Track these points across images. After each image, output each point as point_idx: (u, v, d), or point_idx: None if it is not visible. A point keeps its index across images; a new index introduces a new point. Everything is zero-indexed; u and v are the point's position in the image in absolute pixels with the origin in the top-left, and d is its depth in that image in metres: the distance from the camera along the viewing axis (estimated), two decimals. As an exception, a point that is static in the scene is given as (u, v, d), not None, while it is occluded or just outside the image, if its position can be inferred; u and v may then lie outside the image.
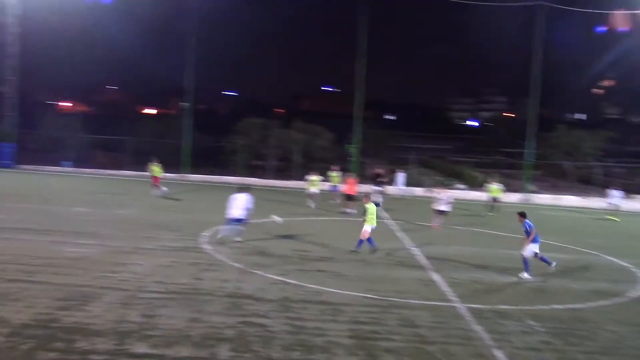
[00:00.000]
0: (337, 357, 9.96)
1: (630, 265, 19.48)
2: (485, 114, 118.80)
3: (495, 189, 30.39)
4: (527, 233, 16.57)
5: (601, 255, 21.17)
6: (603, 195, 33.29)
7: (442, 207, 24.87)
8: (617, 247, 23.28)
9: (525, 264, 16.62)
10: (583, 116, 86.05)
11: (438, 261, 17.93)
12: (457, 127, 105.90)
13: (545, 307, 13.68)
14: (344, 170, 34.33)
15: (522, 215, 16.89)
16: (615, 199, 32.97)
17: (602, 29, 58.92)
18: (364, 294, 13.82)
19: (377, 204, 20.59)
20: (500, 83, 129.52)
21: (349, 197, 27.90)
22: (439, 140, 68.08)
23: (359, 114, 39.47)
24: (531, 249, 16.61)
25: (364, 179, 37.04)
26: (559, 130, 46.11)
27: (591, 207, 38.64)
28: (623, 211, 34.47)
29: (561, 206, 38.13)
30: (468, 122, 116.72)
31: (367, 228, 18.22)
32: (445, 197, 25.05)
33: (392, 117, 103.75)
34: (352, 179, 28.76)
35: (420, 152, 51.82)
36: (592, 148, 45.33)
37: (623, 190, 34.18)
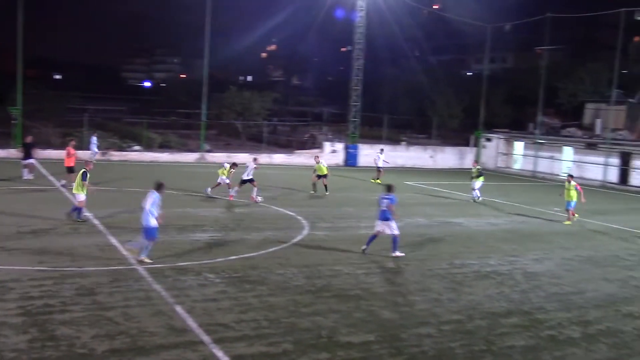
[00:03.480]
0: (6, 339, 9.14)
1: (295, 214, 21.67)
2: (161, 75, 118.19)
3: (322, 167, 28.33)
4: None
5: (271, 206, 23.08)
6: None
7: (246, 176, 24.03)
8: (284, 198, 25.60)
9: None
10: (251, 78, 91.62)
11: (117, 226, 17.51)
12: (132, 87, 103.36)
13: (221, 259, 14.45)
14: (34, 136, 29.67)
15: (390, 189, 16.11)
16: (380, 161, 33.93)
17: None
18: (36, 267, 12.86)
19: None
20: (175, 44, 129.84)
21: (71, 169, 24.37)
22: (114, 101, 65.70)
23: (20, 72, 35.67)
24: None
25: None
26: (230, 91, 48.23)
27: (261, 163, 41.58)
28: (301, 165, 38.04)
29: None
30: (143, 83, 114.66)
31: (82, 196, 17.70)
32: (251, 166, 24.19)
33: (61, 77, 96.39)
34: (71, 148, 25.11)
35: (94, 113, 49.36)
36: (260, 108, 48.55)
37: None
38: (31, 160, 26.56)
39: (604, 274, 15.65)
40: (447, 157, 48.73)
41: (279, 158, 42.58)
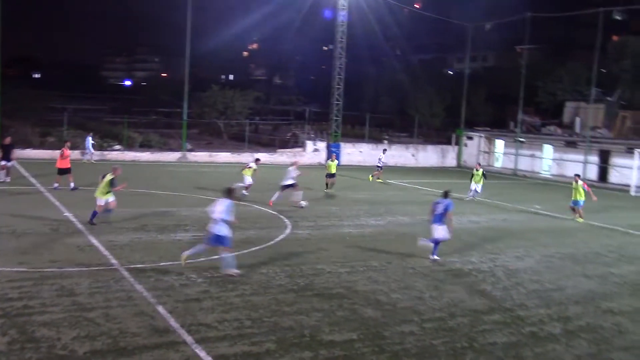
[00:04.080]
0: (-16, 341, 9.01)
1: (277, 213, 21.63)
2: (142, 74, 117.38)
3: (332, 165, 28.52)
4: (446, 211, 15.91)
5: (253, 205, 23.02)
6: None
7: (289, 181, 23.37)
8: (266, 197, 25.54)
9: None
10: (233, 77, 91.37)
11: (96, 225, 17.35)
12: (112, 86, 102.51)
13: (203, 259, 14.36)
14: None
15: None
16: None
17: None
18: (15, 268, 12.70)
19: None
20: (156, 42, 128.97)
21: (63, 171, 23.97)
22: (94, 100, 65.06)
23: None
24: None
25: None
26: (212, 90, 48.03)
27: (243, 162, 41.48)
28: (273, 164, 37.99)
29: (216, 163, 40.15)
30: (124, 82, 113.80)
31: (102, 201, 17.52)
32: (293, 172, 23.57)
33: (40, 76, 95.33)
34: (66, 149, 24.61)
35: (74, 113, 48.89)
36: (242, 107, 48.40)
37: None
38: (9, 162, 25.95)
39: (584, 271, 15.82)
40: (429, 155, 49.02)
41: (262, 157, 42.43)
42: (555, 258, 17.13)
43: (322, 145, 44.84)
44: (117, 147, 39.97)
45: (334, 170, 28.31)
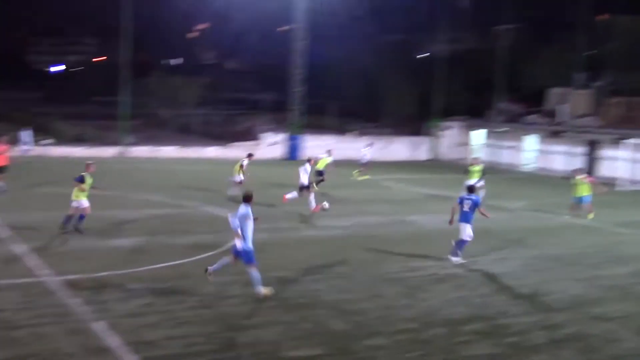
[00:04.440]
0: None
1: (226, 214, 21.45)
2: (74, 58, 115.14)
3: (325, 160, 28.09)
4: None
5: (200, 207, 22.87)
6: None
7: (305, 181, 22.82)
8: (215, 196, 25.40)
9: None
10: (180, 61, 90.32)
11: (23, 231, 17.01)
12: (40, 73, 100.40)
13: (147, 267, 14.23)
14: None
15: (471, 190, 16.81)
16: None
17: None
18: None
19: None
20: (90, 22, 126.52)
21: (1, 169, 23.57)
22: (20, 89, 63.70)
23: None
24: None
25: None
26: (155, 76, 47.56)
27: (191, 157, 41.24)
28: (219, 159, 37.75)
29: (160, 158, 39.76)
30: (53, 67, 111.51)
31: (79, 203, 17.27)
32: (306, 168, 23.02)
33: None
34: (3, 145, 24.21)
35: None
36: (190, 95, 48.07)
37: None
38: None
39: (571, 274, 16.15)
40: (399, 148, 49.34)
41: (212, 152, 42.24)
42: (539, 260, 17.45)
43: (280, 138, 44.78)
44: (46, 141, 39.18)
45: (322, 167, 27.41)
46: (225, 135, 48.44)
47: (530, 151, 46.49)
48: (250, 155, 26.09)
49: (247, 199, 13.11)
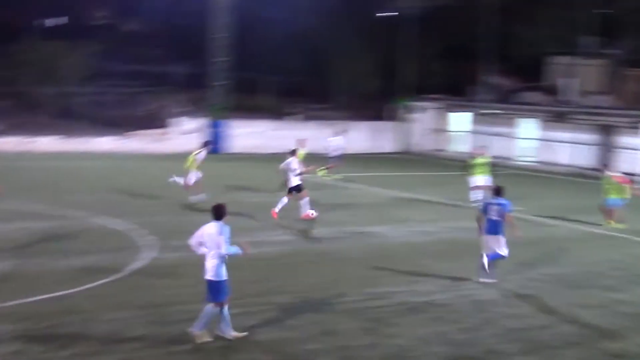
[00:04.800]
0: None
1: (134, 228, 21.23)
2: None
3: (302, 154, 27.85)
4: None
5: (90, 217, 22.61)
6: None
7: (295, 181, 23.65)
8: (109, 203, 25.07)
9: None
10: (62, 21, 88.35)
11: None
12: None
13: (17, 301, 13.89)
14: None
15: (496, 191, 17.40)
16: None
17: None
18: None
19: None
20: None
21: None
22: None
23: None
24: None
25: None
26: (26, 42, 46.63)
27: (77, 150, 40.54)
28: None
29: (35, 152, 39.05)
30: None
31: None
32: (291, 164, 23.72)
33: None
34: None
35: None
36: (74, 68, 47.20)
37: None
38: None
39: (580, 298, 16.37)
40: (358, 136, 49.39)
41: (105, 143, 41.69)
42: (539, 282, 17.66)
43: (199, 124, 44.47)
44: None
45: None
46: (123, 121, 47.79)
47: (527, 140, 47.23)
48: (207, 144, 26.65)
49: (219, 213, 12.62)
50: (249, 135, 45.38)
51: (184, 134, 43.79)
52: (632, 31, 48.85)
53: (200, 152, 26.22)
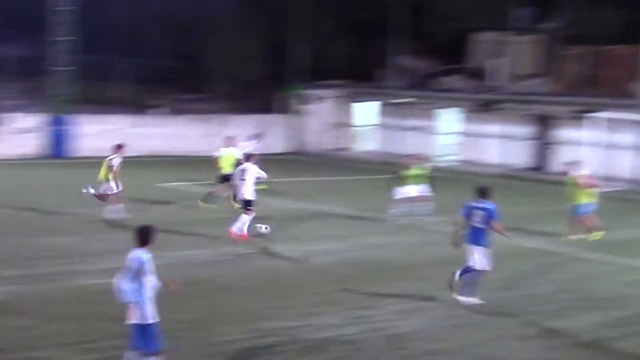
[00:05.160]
0: None
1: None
2: None
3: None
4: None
5: None
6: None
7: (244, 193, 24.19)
8: None
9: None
10: None
11: None
12: None
13: None
14: None
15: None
16: None
17: None
18: None
19: None
20: None
21: None
22: None
23: None
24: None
25: None
26: None
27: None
28: None
29: None
30: None
31: None
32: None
33: None
34: None
35: None
36: None
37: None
38: None
39: (517, 328, 16.55)
40: (240, 133, 49.14)
41: None
42: (470, 310, 17.75)
43: (35, 120, 43.59)
44: None
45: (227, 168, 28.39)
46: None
47: (447, 135, 47.78)
48: (120, 147, 26.37)
49: (144, 238, 12.28)
50: (101, 134, 44.51)
51: (19, 134, 42.82)
52: (570, 2, 49.78)
53: (114, 157, 26.06)
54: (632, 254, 24.21)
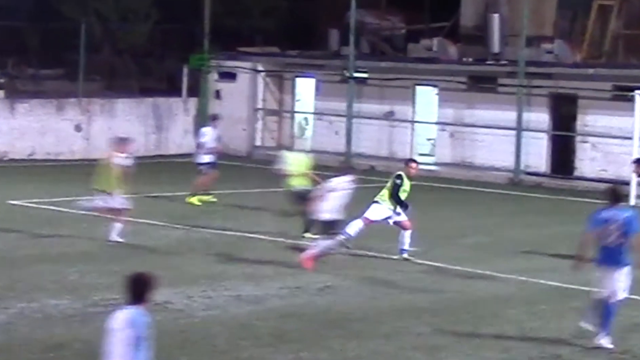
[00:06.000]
0: None
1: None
2: None
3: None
4: None
5: None
6: None
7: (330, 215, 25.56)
8: None
9: None
10: None
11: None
12: None
13: None
14: None
15: None
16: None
17: None
18: None
19: None
20: None
21: None
22: None
23: None
24: None
25: None
26: None
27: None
28: None
29: None
30: None
31: None
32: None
33: None
34: None
35: None
36: None
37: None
38: None
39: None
40: (126, 126, 49.04)
41: None
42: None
43: None
44: None
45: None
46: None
47: (425, 124, 48.24)
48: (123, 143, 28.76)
49: (138, 290, 11.85)
50: None
51: None
52: None
53: (116, 155, 27.33)
54: None
